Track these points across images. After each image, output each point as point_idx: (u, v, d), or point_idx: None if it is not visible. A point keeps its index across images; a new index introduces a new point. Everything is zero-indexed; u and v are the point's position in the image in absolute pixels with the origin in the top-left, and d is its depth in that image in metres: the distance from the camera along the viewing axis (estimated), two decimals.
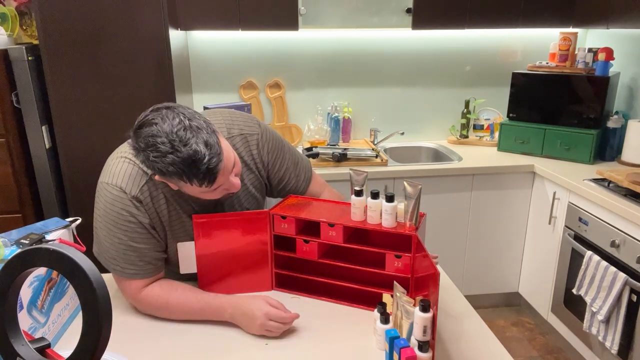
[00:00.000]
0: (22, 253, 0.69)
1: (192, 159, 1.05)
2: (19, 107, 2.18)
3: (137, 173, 1.21)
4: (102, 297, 0.67)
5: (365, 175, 1.26)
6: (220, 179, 1.13)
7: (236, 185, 1.19)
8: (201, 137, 1.07)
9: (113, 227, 1.20)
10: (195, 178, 1.08)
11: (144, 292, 1.25)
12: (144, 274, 1.24)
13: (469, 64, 3.06)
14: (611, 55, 2.55)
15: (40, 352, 0.74)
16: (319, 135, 2.88)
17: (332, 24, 2.61)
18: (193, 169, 1.06)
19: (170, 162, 1.05)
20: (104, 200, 1.20)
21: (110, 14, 2.12)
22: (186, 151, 1.05)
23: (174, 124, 1.06)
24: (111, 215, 1.19)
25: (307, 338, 1.18)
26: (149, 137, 1.06)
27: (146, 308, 1.27)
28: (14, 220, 2.21)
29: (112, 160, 1.24)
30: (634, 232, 1.97)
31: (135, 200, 1.19)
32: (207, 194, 1.16)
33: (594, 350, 2.24)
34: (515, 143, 2.79)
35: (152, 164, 1.08)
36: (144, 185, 1.21)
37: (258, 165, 1.38)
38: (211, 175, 1.09)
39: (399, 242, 1.23)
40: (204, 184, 1.10)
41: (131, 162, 1.21)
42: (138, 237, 1.21)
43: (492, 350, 1.14)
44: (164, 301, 1.24)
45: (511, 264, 2.83)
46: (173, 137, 1.05)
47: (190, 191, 1.16)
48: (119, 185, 1.19)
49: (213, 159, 1.08)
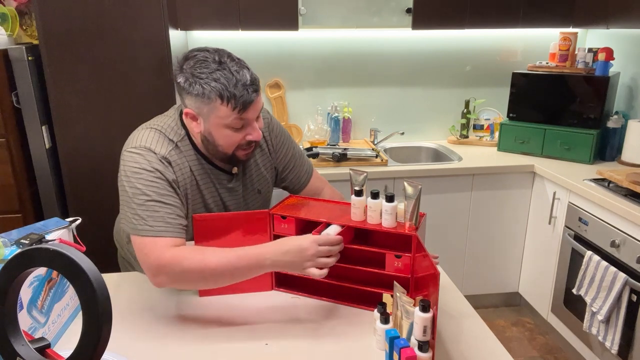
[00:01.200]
0: (22, 253, 0.70)
1: (236, 79, 1.16)
2: (19, 107, 2.18)
3: (165, 140, 1.26)
4: (102, 297, 0.67)
5: (365, 175, 1.26)
6: (250, 112, 1.20)
7: (257, 134, 1.25)
8: (246, 69, 1.20)
9: (142, 186, 1.19)
10: (233, 97, 1.16)
11: (173, 251, 1.13)
12: (173, 231, 1.17)
13: (469, 64, 3.06)
14: (611, 55, 2.55)
15: (40, 352, 0.74)
16: (319, 135, 2.88)
17: (332, 24, 2.61)
18: (234, 87, 1.16)
19: (215, 77, 1.15)
20: (131, 162, 1.21)
21: (110, 14, 2.12)
22: (233, 69, 1.17)
23: (222, 53, 1.20)
24: (140, 174, 1.20)
25: (307, 338, 1.18)
26: (200, 57, 1.18)
27: (172, 272, 1.13)
28: (14, 220, 2.21)
29: (137, 132, 1.28)
30: (634, 232, 1.97)
31: (164, 160, 1.23)
32: (228, 133, 1.21)
33: (594, 350, 2.24)
34: (515, 143, 2.79)
35: (196, 80, 1.16)
36: (171, 150, 1.25)
37: (269, 146, 1.45)
38: (248, 98, 1.18)
39: (399, 242, 1.23)
40: (239, 106, 1.17)
41: (157, 131, 1.26)
42: (167, 194, 1.21)
43: (492, 350, 1.14)
44: (199, 256, 1.12)
45: (511, 264, 2.83)
46: (221, 59, 1.18)
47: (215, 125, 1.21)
48: (147, 146, 1.22)
49: (254, 85, 1.19)
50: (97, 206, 2.26)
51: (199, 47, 1.21)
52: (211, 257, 1.12)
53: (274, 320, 1.25)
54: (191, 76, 1.17)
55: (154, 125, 1.29)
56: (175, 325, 1.23)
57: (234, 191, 1.39)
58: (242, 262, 1.13)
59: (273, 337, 1.18)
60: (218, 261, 1.12)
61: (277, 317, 1.26)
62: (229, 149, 1.26)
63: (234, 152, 1.27)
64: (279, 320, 1.25)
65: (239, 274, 1.15)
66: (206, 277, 1.14)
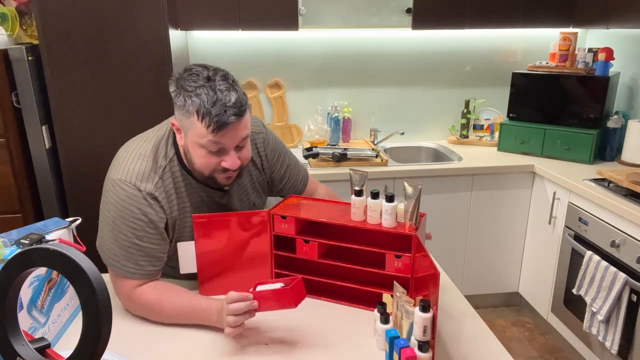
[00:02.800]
0: (22, 253, 0.69)
1: (218, 97, 1.12)
2: (19, 107, 2.18)
3: (152, 168, 1.22)
4: (102, 297, 0.67)
5: (365, 175, 1.26)
6: (227, 137, 1.15)
7: (233, 164, 1.19)
8: (235, 94, 1.14)
9: (121, 224, 1.19)
10: (209, 116, 1.12)
11: (138, 290, 1.23)
12: (142, 275, 1.23)
13: (469, 64, 3.06)
14: (611, 55, 2.55)
15: (40, 352, 0.74)
16: (319, 135, 2.88)
17: (332, 24, 2.61)
18: (213, 106, 1.11)
19: (199, 92, 1.12)
20: (115, 195, 1.20)
21: (110, 14, 2.12)
22: (217, 90, 1.13)
23: (220, 74, 1.16)
24: (121, 211, 1.19)
25: (307, 338, 1.18)
26: (195, 72, 1.15)
27: (138, 308, 1.25)
28: (14, 220, 2.21)
29: (125, 155, 1.24)
30: (634, 232, 1.97)
31: (150, 197, 1.20)
32: (202, 153, 1.17)
33: (594, 350, 2.24)
34: (515, 143, 2.78)
35: (182, 92, 1.14)
36: (158, 181, 1.22)
37: (263, 162, 1.43)
38: (223, 120, 1.12)
39: (399, 242, 1.23)
40: (212, 126, 1.12)
41: (144, 157, 1.23)
42: (145, 236, 1.21)
43: (492, 350, 1.14)
44: (156, 300, 1.21)
45: (511, 264, 2.83)
46: (215, 77, 1.15)
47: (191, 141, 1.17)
48: (132, 182, 1.19)
49: (233, 109, 1.13)
50: (97, 206, 2.24)
51: (203, 63, 1.19)
52: (166, 303, 1.21)
53: (274, 320, 1.25)
54: (180, 87, 1.15)
55: (143, 148, 1.24)
56: (175, 326, 1.23)
57: (227, 207, 1.36)
58: (192, 314, 1.20)
59: (273, 337, 1.18)
60: (170, 310, 1.21)
61: (277, 317, 1.26)
62: (205, 171, 1.20)
63: (210, 174, 1.21)
64: (279, 320, 1.25)
65: (188, 321, 1.22)
66: (161, 317, 1.23)
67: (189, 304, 1.20)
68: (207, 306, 1.18)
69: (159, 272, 1.29)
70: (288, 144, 2.95)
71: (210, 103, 1.11)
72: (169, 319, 1.22)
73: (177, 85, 1.16)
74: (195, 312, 1.19)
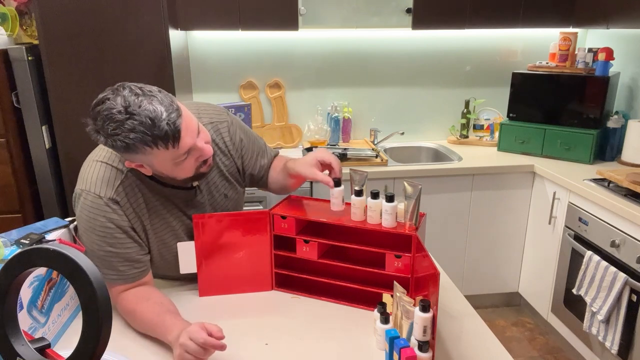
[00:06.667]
0: (22, 253, 0.69)
1: (150, 118, 1.04)
2: (19, 107, 2.18)
3: (111, 174, 1.19)
4: (102, 297, 0.67)
5: (365, 175, 1.26)
6: (186, 139, 1.10)
7: (207, 150, 1.16)
8: (155, 98, 1.06)
9: (92, 234, 1.19)
10: (159, 138, 1.05)
11: (121, 296, 1.23)
12: (125, 279, 1.22)
13: (469, 64, 3.06)
14: (611, 55, 2.55)
15: (40, 352, 0.74)
16: (319, 135, 2.88)
17: (332, 24, 2.61)
18: (154, 128, 1.04)
19: (130, 128, 1.03)
20: (81, 207, 1.19)
21: (110, 14, 2.12)
22: (142, 112, 1.03)
23: (126, 94, 1.06)
24: (89, 222, 1.18)
25: (307, 338, 1.18)
26: (104, 112, 1.05)
27: (121, 313, 1.24)
28: (14, 220, 2.21)
29: (85, 165, 1.24)
30: (634, 232, 1.97)
31: (111, 202, 1.18)
32: (180, 165, 1.14)
33: (594, 350, 2.24)
34: (515, 143, 2.79)
35: (114, 139, 1.05)
36: (119, 185, 1.19)
37: (231, 150, 1.38)
38: (174, 131, 1.06)
39: (399, 242, 1.23)
40: (170, 143, 1.07)
41: (104, 164, 1.20)
42: (117, 242, 1.20)
43: (492, 350, 1.14)
44: (132, 308, 1.20)
45: (511, 264, 2.83)
46: (126, 103, 1.04)
47: (162, 166, 1.13)
48: (93, 190, 1.18)
49: (172, 114, 1.06)
50: None
51: (98, 99, 1.08)
52: (139, 313, 1.19)
53: (274, 320, 1.25)
54: (108, 135, 1.06)
55: (100, 155, 1.22)
56: None
57: (199, 204, 1.33)
58: (155, 328, 1.16)
59: (273, 337, 1.18)
60: (141, 320, 1.19)
61: (277, 317, 1.26)
62: (189, 174, 1.18)
63: (195, 173, 1.19)
64: (279, 320, 1.25)
65: (154, 335, 1.18)
66: (136, 326, 1.22)
67: (157, 318, 1.16)
68: (171, 324, 1.12)
69: (144, 273, 1.26)
70: (288, 143, 2.95)
71: (151, 129, 1.04)
72: (141, 329, 1.20)
73: (102, 134, 1.07)
74: (158, 327, 1.15)
